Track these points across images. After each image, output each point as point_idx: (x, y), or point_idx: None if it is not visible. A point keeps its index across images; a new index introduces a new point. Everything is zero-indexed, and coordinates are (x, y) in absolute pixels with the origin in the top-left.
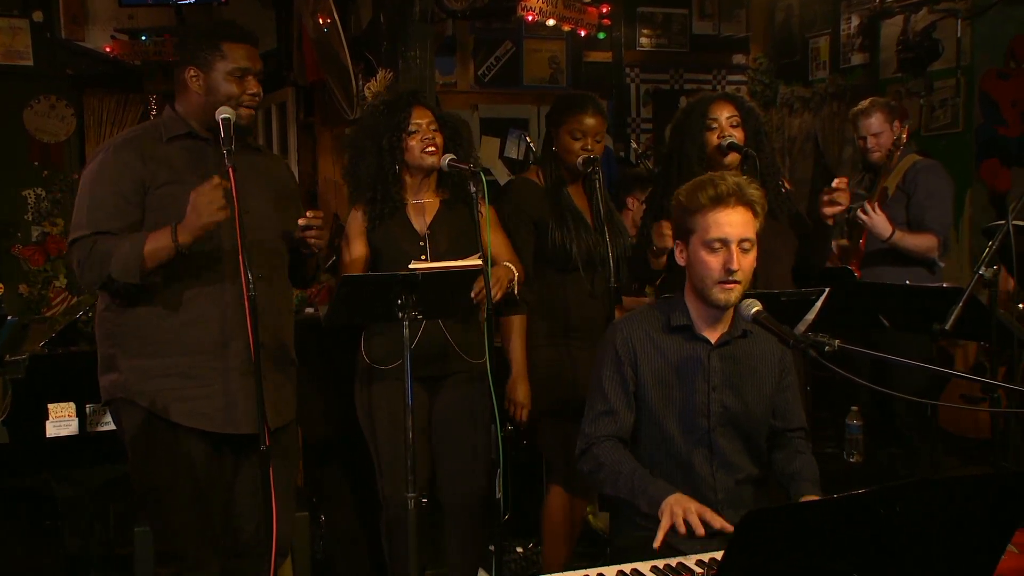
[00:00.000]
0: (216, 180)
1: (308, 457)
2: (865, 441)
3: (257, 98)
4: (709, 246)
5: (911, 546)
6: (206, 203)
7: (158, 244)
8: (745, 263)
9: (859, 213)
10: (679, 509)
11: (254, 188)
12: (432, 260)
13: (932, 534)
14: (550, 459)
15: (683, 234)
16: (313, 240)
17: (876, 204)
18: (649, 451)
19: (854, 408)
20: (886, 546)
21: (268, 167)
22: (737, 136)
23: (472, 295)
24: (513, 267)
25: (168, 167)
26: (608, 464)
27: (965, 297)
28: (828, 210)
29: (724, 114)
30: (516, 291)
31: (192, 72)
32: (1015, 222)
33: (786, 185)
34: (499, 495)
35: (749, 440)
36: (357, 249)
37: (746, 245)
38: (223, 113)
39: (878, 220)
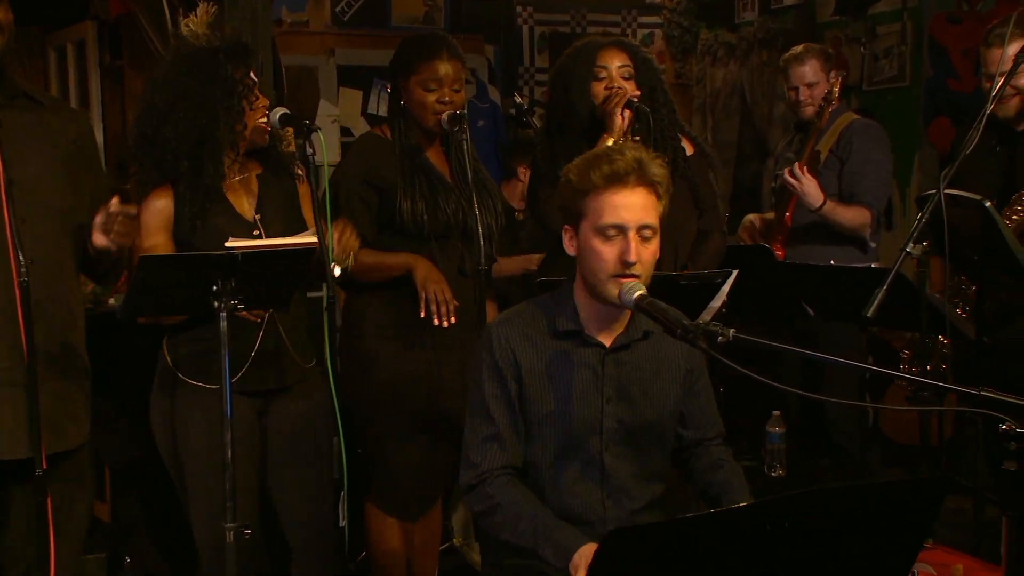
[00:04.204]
0: None
1: (112, 485)
2: (789, 452)
3: None
4: (603, 233)
5: (804, 562)
6: None
7: None
8: (645, 254)
9: (787, 176)
10: None
11: (31, 150)
12: None
13: (828, 549)
14: (372, 473)
15: (573, 218)
16: (113, 239)
17: (805, 168)
18: (531, 477)
19: (776, 413)
20: (777, 562)
21: (55, 124)
22: (628, 88)
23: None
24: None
25: None
26: (505, 505)
27: (890, 278)
28: None
29: (615, 63)
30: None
31: None
32: (947, 191)
33: (686, 146)
34: (343, 523)
35: (648, 462)
36: (156, 245)
37: (647, 233)
38: None
39: (809, 186)
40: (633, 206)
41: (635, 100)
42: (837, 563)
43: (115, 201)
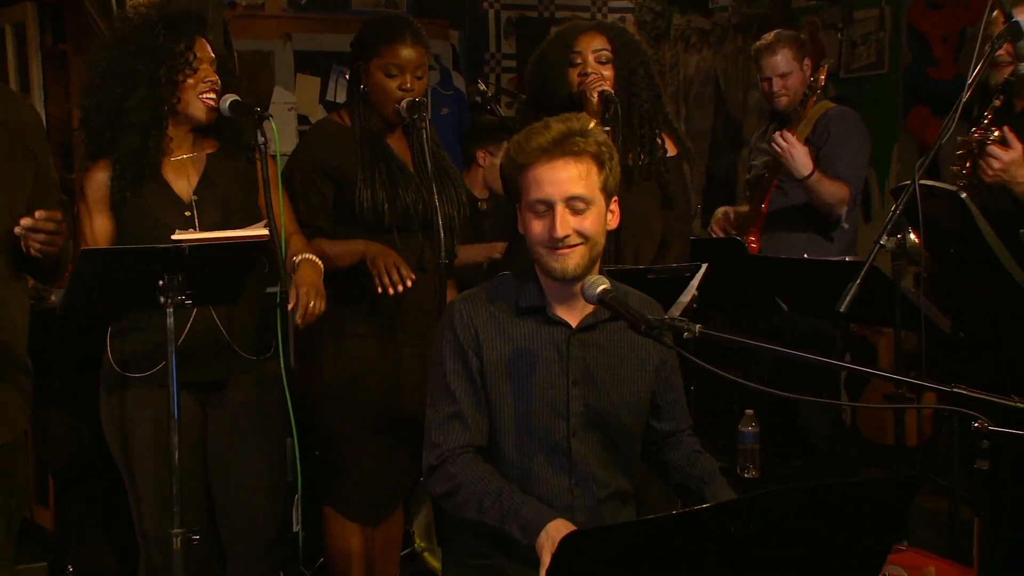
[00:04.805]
0: None
1: (56, 490)
2: (763, 452)
3: None
4: (533, 209)
5: (771, 562)
6: None
7: None
8: (586, 224)
9: (777, 139)
10: None
11: None
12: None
13: (796, 549)
14: (329, 475)
15: (516, 196)
16: (39, 247)
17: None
18: (493, 462)
19: (748, 412)
20: (745, 563)
21: None
22: (606, 74)
23: (290, 306)
24: (316, 259)
25: None
26: (468, 483)
27: (863, 272)
28: None
29: (591, 47)
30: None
31: None
32: (922, 182)
33: (668, 146)
34: (297, 527)
35: (616, 448)
36: (98, 224)
37: (578, 205)
38: None
39: (798, 152)
40: (557, 180)
41: (606, 89)
42: (805, 563)
43: (36, 216)
